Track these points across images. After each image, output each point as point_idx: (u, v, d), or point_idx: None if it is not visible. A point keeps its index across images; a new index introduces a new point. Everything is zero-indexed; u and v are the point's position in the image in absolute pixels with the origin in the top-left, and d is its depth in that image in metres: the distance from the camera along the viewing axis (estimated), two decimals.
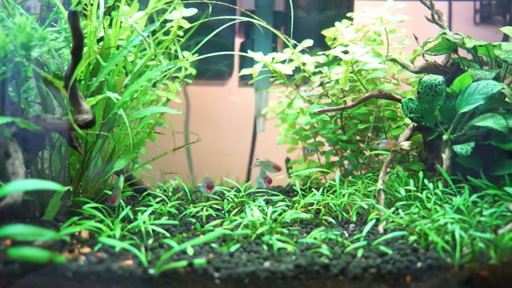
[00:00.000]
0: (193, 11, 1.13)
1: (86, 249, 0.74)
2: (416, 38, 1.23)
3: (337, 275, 0.73)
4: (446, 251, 0.75)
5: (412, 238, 0.80)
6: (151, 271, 0.67)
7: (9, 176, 0.78)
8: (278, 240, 0.78)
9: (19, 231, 0.72)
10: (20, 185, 0.73)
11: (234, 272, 0.69)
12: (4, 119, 0.73)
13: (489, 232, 0.76)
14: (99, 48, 1.01)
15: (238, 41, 1.51)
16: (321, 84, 1.15)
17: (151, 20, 1.21)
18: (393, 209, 0.91)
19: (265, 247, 0.78)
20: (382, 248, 0.77)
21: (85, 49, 0.93)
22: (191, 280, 0.68)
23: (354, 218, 0.92)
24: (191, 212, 0.94)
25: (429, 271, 0.76)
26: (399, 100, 1.01)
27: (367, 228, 0.84)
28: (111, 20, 1.04)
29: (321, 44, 1.38)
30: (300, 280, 0.71)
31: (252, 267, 0.70)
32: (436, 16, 1.24)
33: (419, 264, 0.76)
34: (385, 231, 0.85)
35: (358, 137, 1.20)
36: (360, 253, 0.75)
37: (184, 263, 0.68)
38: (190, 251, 0.73)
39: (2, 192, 0.74)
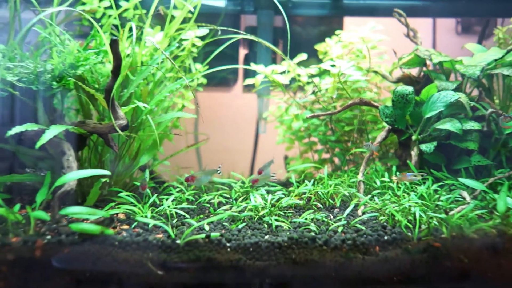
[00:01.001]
0: (204, 31, 1.32)
1: (125, 226, 0.94)
2: (395, 53, 1.42)
3: (321, 246, 0.92)
4: (408, 228, 0.94)
5: (383, 218, 0.99)
6: (178, 241, 0.86)
7: (63, 170, 0.97)
8: (276, 220, 0.98)
9: (78, 211, 0.91)
10: (76, 174, 0.92)
11: (241, 242, 0.88)
12: (62, 127, 0.92)
13: (442, 213, 0.95)
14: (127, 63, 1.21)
15: (242, 52, 1.69)
16: (313, 93, 1.35)
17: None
18: (369, 196, 1.10)
19: (265, 225, 0.97)
20: (358, 225, 0.96)
21: None
22: (209, 248, 0.87)
23: (338, 204, 1.11)
24: (205, 199, 1.13)
25: (394, 243, 0.95)
26: (376, 107, 1.20)
27: (347, 211, 1.03)
28: (137, 39, 1.24)
29: (315, 55, 1.57)
30: (292, 249, 0.90)
31: (256, 239, 0.89)
32: (411, 33, 1.43)
33: (386, 237, 0.95)
34: (363, 214, 1.04)
35: (345, 138, 1.39)
36: (340, 229, 0.94)
37: (203, 235, 0.87)
38: (207, 228, 0.93)
39: (62, 181, 0.93)
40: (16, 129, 0.87)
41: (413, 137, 1.13)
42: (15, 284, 0.81)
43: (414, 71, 1.34)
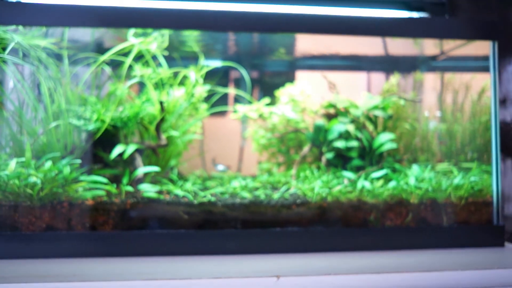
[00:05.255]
0: (207, 87, 2.15)
1: (167, 196, 1.77)
2: (322, 99, 2.25)
3: (265, 204, 1.73)
4: (310, 197, 1.76)
5: (299, 192, 1.82)
6: (195, 202, 1.69)
7: (135, 167, 1.80)
8: (245, 193, 1.80)
9: (146, 186, 1.74)
10: (142, 170, 1.75)
11: (226, 203, 1.70)
12: (135, 145, 1.75)
13: (329, 189, 1.78)
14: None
15: (232, 94, 2.53)
16: (273, 124, 2.18)
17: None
18: (296, 181, 1.93)
19: (239, 195, 1.80)
20: (286, 196, 1.79)
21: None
22: (209, 205, 1.69)
23: (280, 186, 1.94)
24: (208, 184, 1.97)
25: (302, 204, 1.76)
26: (303, 133, 2.03)
27: (283, 189, 1.85)
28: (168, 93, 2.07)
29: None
30: (251, 206, 1.71)
31: (233, 201, 1.72)
32: (332, 86, 2.26)
33: (298, 201, 1.76)
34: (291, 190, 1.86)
35: (292, 150, 2.22)
36: (276, 197, 1.77)
37: (207, 199, 1.70)
38: (209, 196, 1.76)
39: (136, 173, 1.76)
40: (117, 151, 1.70)
41: (323, 150, 1.97)
42: (117, 222, 1.64)
43: (333, 110, 2.18)
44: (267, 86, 2.44)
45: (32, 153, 1.83)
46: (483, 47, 2.05)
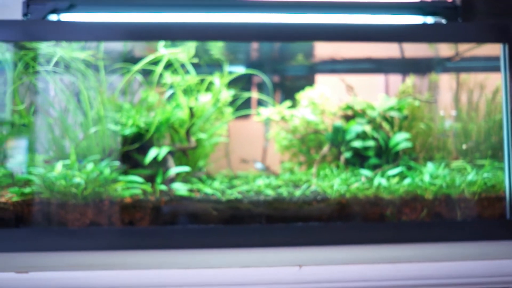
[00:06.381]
0: (231, 92, 2.29)
1: (197, 193, 1.91)
2: (339, 101, 2.36)
3: (288, 201, 1.85)
4: (330, 194, 1.88)
5: (319, 189, 1.93)
6: (223, 199, 1.83)
7: (167, 168, 1.95)
8: (269, 190, 1.93)
9: (178, 186, 1.89)
10: (174, 170, 1.90)
11: (251, 199, 1.84)
12: (168, 148, 1.91)
13: (347, 186, 1.89)
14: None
15: (255, 97, 2.66)
16: (294, 126, 2.31)
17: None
18: (317, 179, 2.04)
19: (263, 193, 1.93)
20: (307, 193, 1.91)
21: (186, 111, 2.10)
22: (236, 202, 1.83)
23: (302, 184, 2.06)
24: (234, 182, 2.10)
25: (322, 200, 1.87)
26: (323, 134, 2.15)
27: (304, 186, 1.98)
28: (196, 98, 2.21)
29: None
30: (274, 203, 1.84)
31: (257, 198, 1.85)
32: (349, 89, 2.36)
33: (318, 197, 1.88)
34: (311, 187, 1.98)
35: (312, 150, 2.34)
36: (298, 194, 1.89)
37: (233, 196, 1.84)
38: (235, 194, 1.89)
39: (168, 173, 1.91)
40: (152, 154, 1.86)
41: (341, 150, 2.08)
42: (152, 218, 1.79)
43: (351, 112, 2.28)
44: (288, 90, 2.57)
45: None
46: (497, 48, 2.12)
